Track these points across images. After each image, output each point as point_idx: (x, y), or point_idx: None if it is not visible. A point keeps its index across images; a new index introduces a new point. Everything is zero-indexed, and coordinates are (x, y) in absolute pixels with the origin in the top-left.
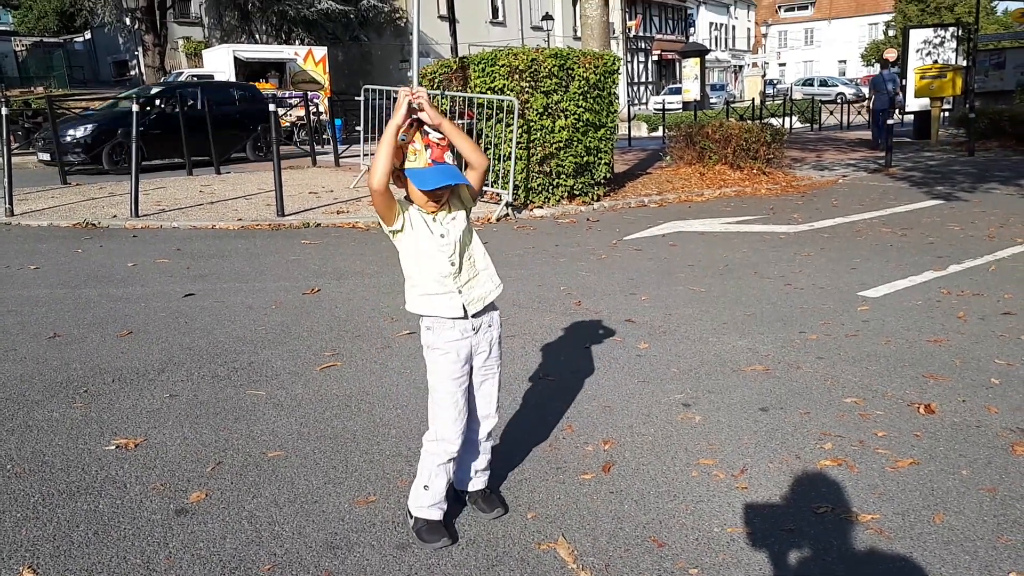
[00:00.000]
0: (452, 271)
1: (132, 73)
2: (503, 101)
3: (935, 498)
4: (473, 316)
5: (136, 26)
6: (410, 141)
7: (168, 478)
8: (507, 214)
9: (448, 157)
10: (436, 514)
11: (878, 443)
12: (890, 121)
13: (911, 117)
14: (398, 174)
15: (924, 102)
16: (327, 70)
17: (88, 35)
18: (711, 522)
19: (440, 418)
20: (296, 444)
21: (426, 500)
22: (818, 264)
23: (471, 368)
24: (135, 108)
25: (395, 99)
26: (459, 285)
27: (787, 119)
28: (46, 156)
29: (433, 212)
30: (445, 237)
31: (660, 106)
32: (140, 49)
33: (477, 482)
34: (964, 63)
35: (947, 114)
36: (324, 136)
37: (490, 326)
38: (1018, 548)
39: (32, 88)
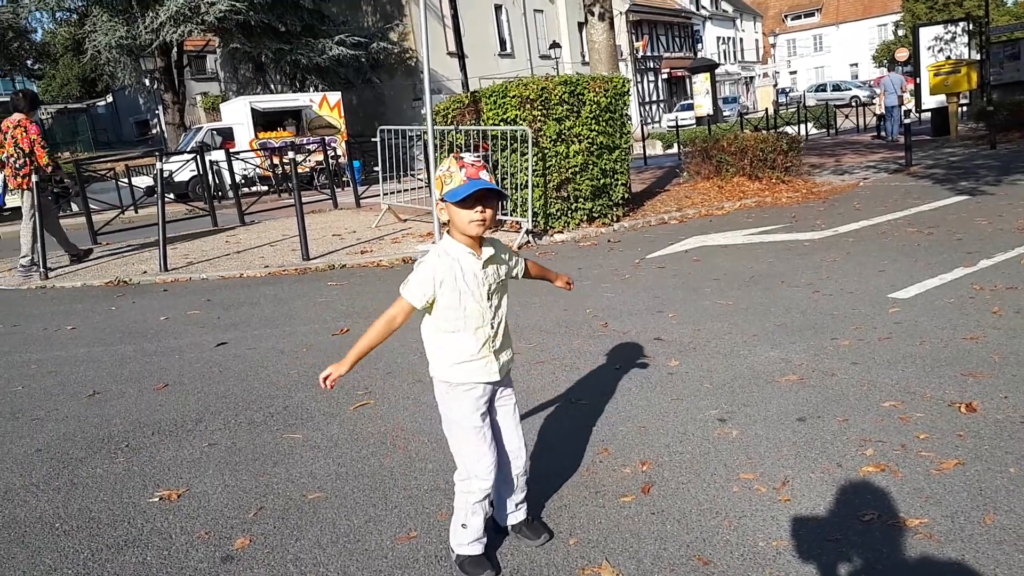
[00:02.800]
0: (491, 333)
1: (154, 131)
2: (516, 131)
3: (984, 498)
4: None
5: (155, 86)
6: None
7: (212, 526)
8: (528, 241)
9: (484, 175)
10: (477, 549)
11: (921, 446)
12: (907, 120)
13: (928, 115)
14: (440, 204)
15: (940, 99)
16: (342, 114)
17: (110, 98)
18: (756, 537)
19: (469, 455)
20: (335, 485)
21: (466, 538)
22: (845, 269)
23: (490, 405)
24: (160, 166)
25: (410, 136)
26: (495, 347)
27: (802, 126)
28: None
29: (480, 233)
30: (491, 300)
31: (673, 123)
32: (160, 108)
33: (518, 514)
34: (978, 57)
35: (965, 109)
36: (344, 179)
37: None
38: None
39: (59, 153)
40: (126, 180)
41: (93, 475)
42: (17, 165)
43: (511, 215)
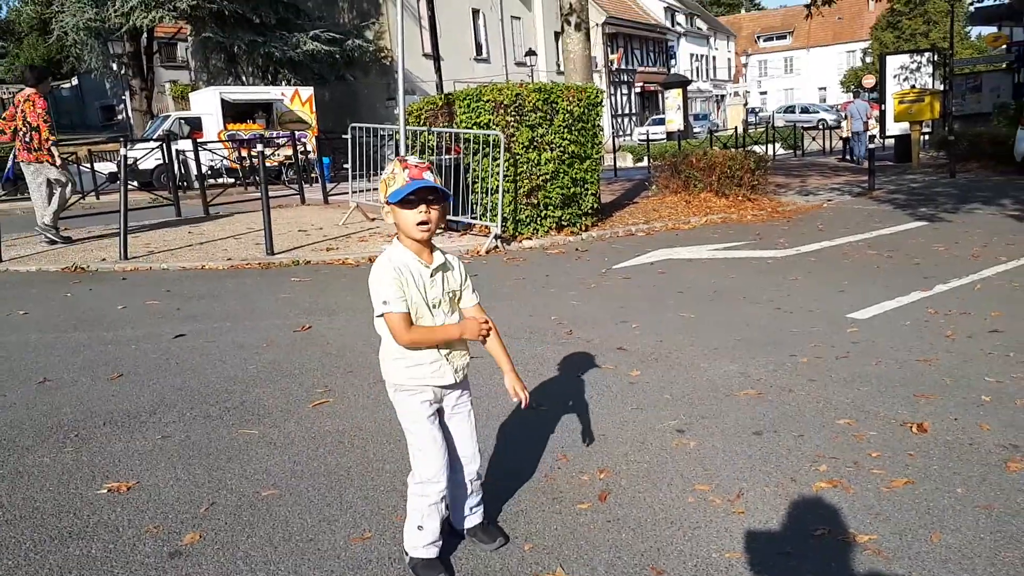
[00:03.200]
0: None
1: (120, 118)
2: (489, 136)
3: (931, 517)
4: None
5: (123, 71)
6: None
7: (162, 520)
8: (496, 246)
9: (428, 175)
10: (432, 552)
11: (873, 464)
12: (871, 145)
13: (891, 141)
14: (386, 208)
15: (904, 126)
16: (314, 109)
17: (75, 81)
18: (709, 548)
19: (422, 458)
20: (290, 482)
21: (422, 540)
22: (806, 287)
23: (442, 409)
24: (124, 152)
25: (382, 135)
26: (445, 352)
27: (770, 146)
28: None
29: (426, 237)
30: (439, 307)
31: (644, 137)
32: (127, 94)
33: (473, 518)
34: (941, 87)
35: (927, 137)
36: (312, 175)
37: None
38: (1016, 565)
39: None
40: (88, 165)
41: (39, 464)
42: (27, 139)
43: (481, 219)
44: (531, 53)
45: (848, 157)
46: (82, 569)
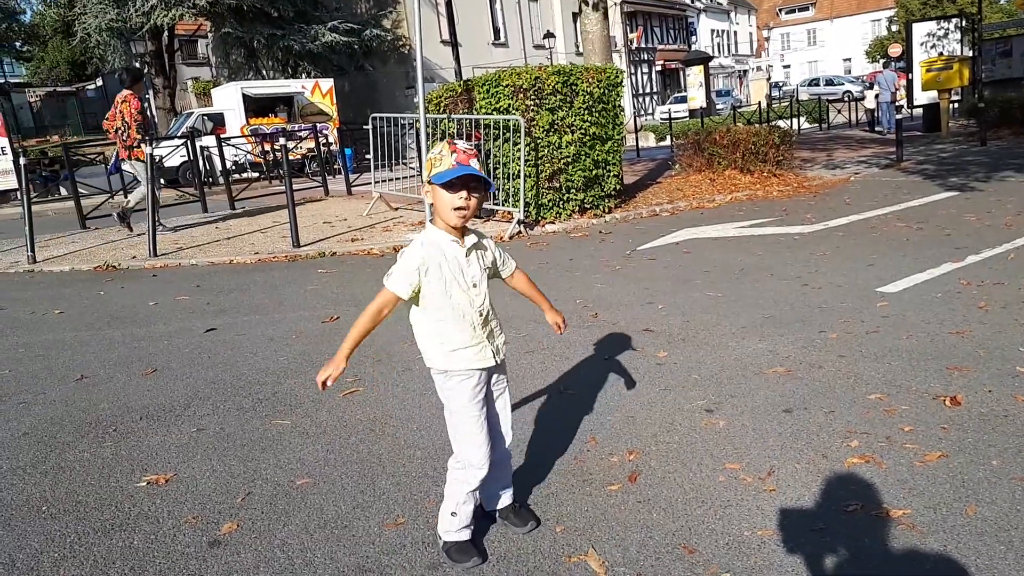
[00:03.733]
0: (481, 320)
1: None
2: (509, 121)
3: (966, 490)
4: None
5: (146, 70)
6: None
7: (200, 511)
8: (519, 231)
9: (475, 163)
10: (465, 535)
11: (905, 438)
12: (898, 116)
13: (920, 111)
14: (427, 186)
15: (932, 95)
16: (334, 101)
17: (99, 82)
18: (741, 526)
19: (467, 443)
20: (323, 471)
21: (455, 524)
22: (834, 263)
23: (489, 391)
24: (149, 151)
25: (403, 124)
26: (487, 333)
27: (795, 120)
28: None
29: (461, 224)
30: (477, 287)
31: (667, 115)
32: (151, 92)
33: (505, 499)
34: (970, 53)
35: (956, 105)
36: (335, 166)
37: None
38: None
39: (48, 137)
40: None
41: (80, 459)
42: (124, 137)
43: (503, 205)
44: (549, 35)
45: (877, 129)
46: (125, 560)
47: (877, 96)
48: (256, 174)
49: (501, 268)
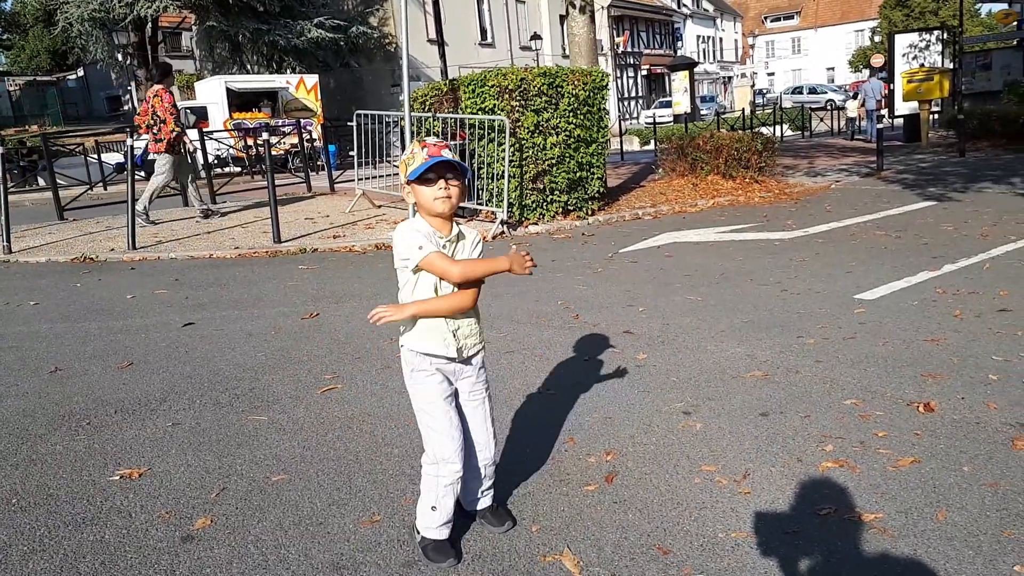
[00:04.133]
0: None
1: (126, 108)
2: (494, 121)
3: (937, 495)
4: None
5: (128, 61)
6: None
7: (173, 506)
8: (503, 232)
9: (447, 153)
10: (444, 533)
11: (879, 443)
12: (879, 125)
13: (900, 121)
14: (407, 188)
15: (913, 105)
16: (319, 97)
17: (81, 72)
18: (715, 527)
19: (436, 439)
20: (299, 467)
21: (435, 520)
22: (813, 269)
23: (457, 392)
24: (130, 143)
25: (387, 122)
26: (454, 327)
27: (778, 127)
28: None
29: (447, 211)
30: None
31: (651, 120)
32: (133, 84)
33: (484, 501)
34: (951, 65)
35: (936, 116)
36: (318, 163)
37: (476, 355)
38: (1022, 542)
39: (27, 127)
40: (95, 156)
41: (52, 452)
42: (155, 131)
43: (486, 205)
44: (536, 37)
45: (855, 136)
46: (96, 554)
47: (862, 104)
48: (238, 169)
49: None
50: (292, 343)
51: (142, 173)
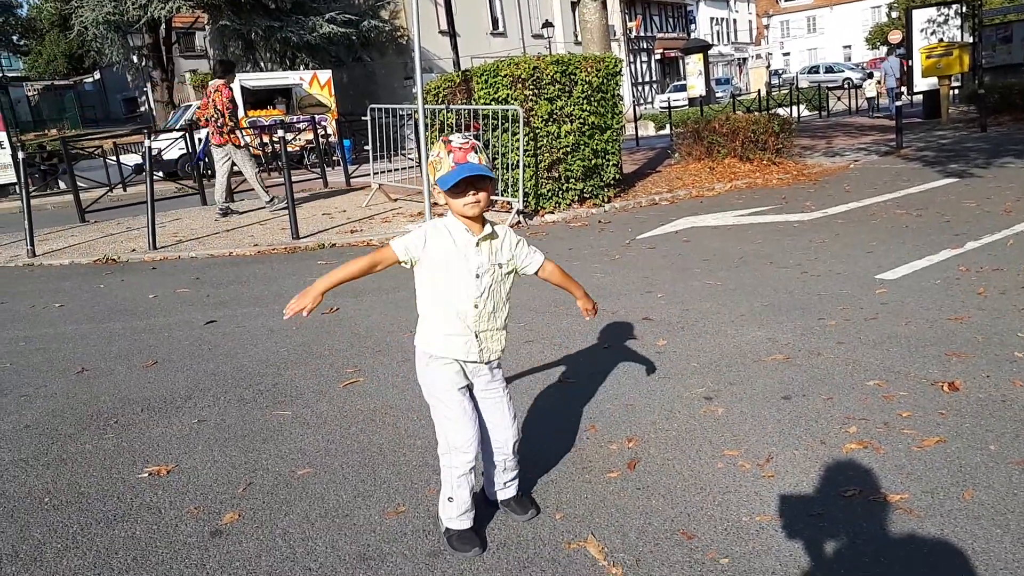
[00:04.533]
0: (474, 314)
1: (142, 109)
2: (508, 111)
3: (963, 474)
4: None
5: (144, 63)
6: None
7: (201, 501)
8: (519, 221)
9: (472, 157)
10: (466, 523)
11: (903, 424)
12: (898, 103)
13: (920, 97)
14: (436, 188)
15: (932, 81)
16: (333, 92)
17: (97, 75)
18: (739, 511)
19: (449, 427)
20: (324, 461)
21: (454, 511)
22: (834, 250)
23: (471, 386)
24: (148, 144)
25: (401, 115)
26: (478, 329)
27: (794, 108)
28: None
29: (477, 213)
30: (479, 279)
31: (666, 104)
32: (149, 85)
33: (508, 491)
34: (970, 39)
35: (956, 92)
36: (334, 158)
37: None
38: None
39: (46, 131)
40: (114, 158)
41: (82, 451)
42: (219, 124)
43: (502, 195)
44: (548, 25)
45: (873, 115)
46: (128, 550)
47: (879, 83)
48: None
49: (524, 265)
50: (313, 338)
51: (160, 174)
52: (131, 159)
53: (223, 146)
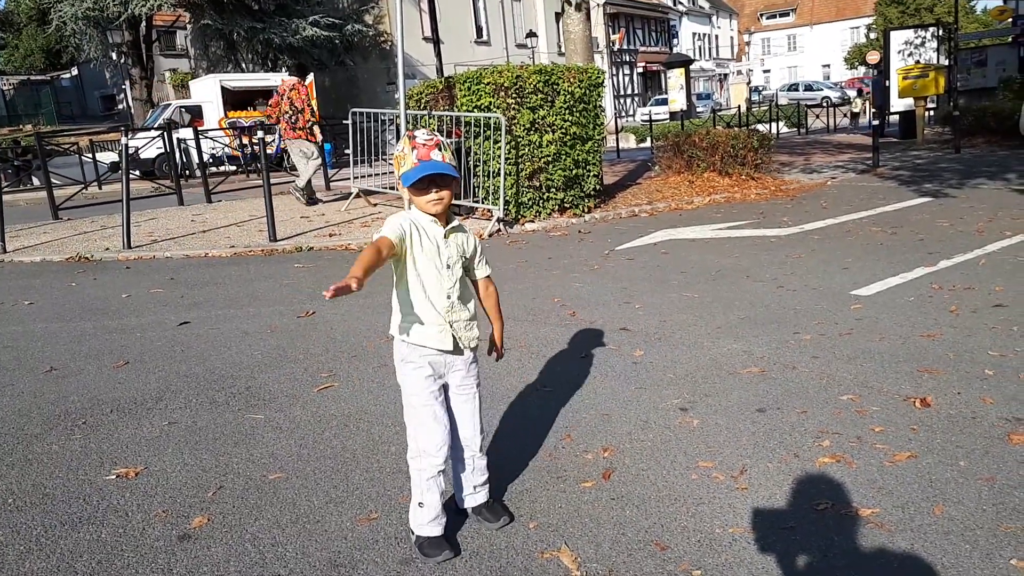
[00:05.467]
0: (447, 304)
1: (120, 107)
2: (490, 118)
3: (934, 490)
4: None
5: (122, 60)
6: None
7: (170, 505)
8: (499, 229)
9: (435, 154)
10: (436, 530)
11: (875, 438)
12: (875, 122)
13: (896, 117)
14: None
15: (908, 102)
16: (314, 95)
17: (75, 71)
18: (712, 523)
19: (419, 431)
20: (296, 465)
21: (424, 517)
22: (810, 265)
23: (447, 386)
24: (125, 141)
25: (383, 120)
26: (452, 319)
27: (774, 124)
28: None
29: (441, 210)
30: (451, 269)
31: (647, 117)
32: (127, 83)
33: (478, 496)
34: (946, 62)
35: (932, 113)
36: None
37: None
38: (1018, 535)
39: (21, 126)
40: (90, 155)
41: (48, 451)
42: (293, 120)
43: (483, 203)
44: (532, 35)
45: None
46: (93, 553)
47: (867, 100)
48: (233, 167)
49: (476, 266)
50: (288, 341)
51: (137, 173)
52: (107, 157)
53: (296, 140)
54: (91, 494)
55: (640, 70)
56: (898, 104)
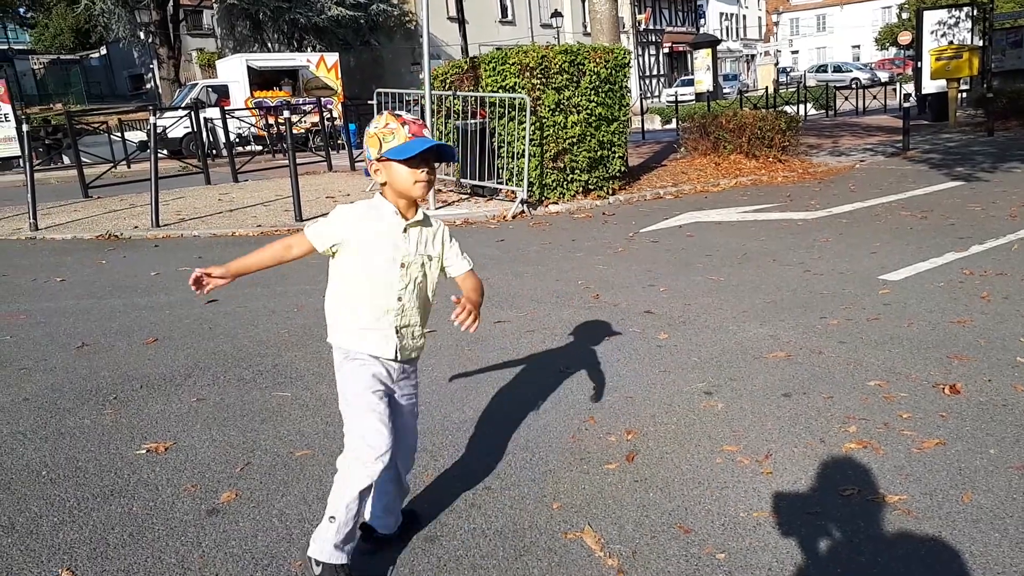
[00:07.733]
0: (397, 307)
1: (148, 86)
2: (515, 99)
3: (963, 477)
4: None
5: (150, 40)
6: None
7: (199, 479)
8: (522, 211)
9: (427, 133)
10: (342, 557)
11: (903, 425)
12: (906, 104)
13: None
14: (376, 164)
15: (941, 84)
16: (339, 75)
17: (103, 51)
18: (737, 507)
19: (365, 429)
20: (323, 443)
21: (335, 536)
22: (837, 249)
23: (392, 391)
24: (153, 121)
25: (407, 100)
26: (399, 324)
27: (802, 106)
28: None
29: (424, 195)
30: (404, 268)
31: (673, 98)
32: (155, 62)
33: (396, 518)
34: (980, 43)
35: (964, 95)
36: (339, 141)
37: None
38: None
39: (51, 105)
40: (119, 134)
41: (80, 426)
42: None
43: (507, 184)
44: (557, 14)
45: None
46: (124, 526)
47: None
48: (260, 147)
49: (448, 264)
50: (315, 320)
51: (164, 152)
52: (135, 136)
53: None
54: (122, 468)
55: (666, 50)
56: (930, 86)
